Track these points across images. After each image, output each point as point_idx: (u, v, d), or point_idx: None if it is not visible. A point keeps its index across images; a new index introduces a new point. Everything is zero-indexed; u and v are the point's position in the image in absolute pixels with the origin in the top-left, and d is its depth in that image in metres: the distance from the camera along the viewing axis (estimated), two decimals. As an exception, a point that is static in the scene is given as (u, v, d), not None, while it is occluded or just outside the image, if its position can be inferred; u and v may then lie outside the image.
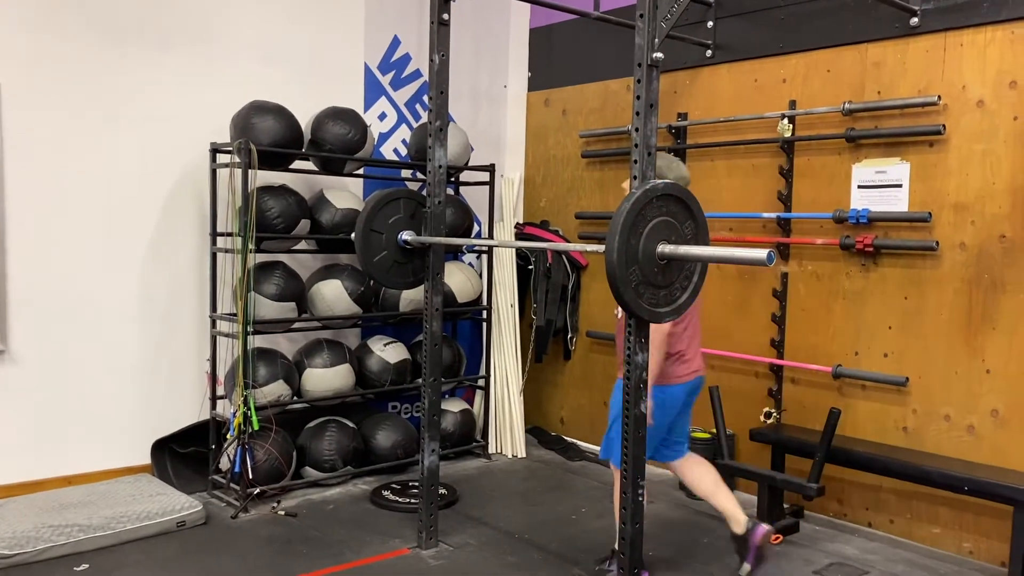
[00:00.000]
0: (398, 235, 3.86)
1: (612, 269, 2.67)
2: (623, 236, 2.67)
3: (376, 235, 3.83)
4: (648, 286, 2.77)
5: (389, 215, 3.84)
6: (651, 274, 2.76)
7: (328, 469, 4.65)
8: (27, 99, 4.18)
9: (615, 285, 2.69)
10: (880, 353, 4.26)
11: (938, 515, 4.08)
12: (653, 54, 2.81)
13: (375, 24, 5.40)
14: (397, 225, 3.85)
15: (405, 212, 3.87)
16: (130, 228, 4.54)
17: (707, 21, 4.93)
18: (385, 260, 3.86)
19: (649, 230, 2.74)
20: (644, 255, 2.73)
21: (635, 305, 2.74)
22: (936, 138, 4.03)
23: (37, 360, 4.28)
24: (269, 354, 4.54)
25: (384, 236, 3.84)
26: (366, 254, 3.82)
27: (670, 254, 2.76)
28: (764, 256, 2.48)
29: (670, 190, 2.80)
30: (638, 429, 2.93)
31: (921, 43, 4.11)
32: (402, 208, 3.87)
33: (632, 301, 2.73)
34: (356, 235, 3.83)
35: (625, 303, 2.74)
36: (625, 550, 2.97)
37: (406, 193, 3.94)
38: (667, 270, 2.81)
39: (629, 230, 2.69)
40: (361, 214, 3.83)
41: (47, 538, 3.66)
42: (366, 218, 3.79)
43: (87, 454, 4.43)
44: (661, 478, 4.87)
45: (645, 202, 2.73)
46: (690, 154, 5.08)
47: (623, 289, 2.69)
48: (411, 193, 3.96)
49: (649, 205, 2.74)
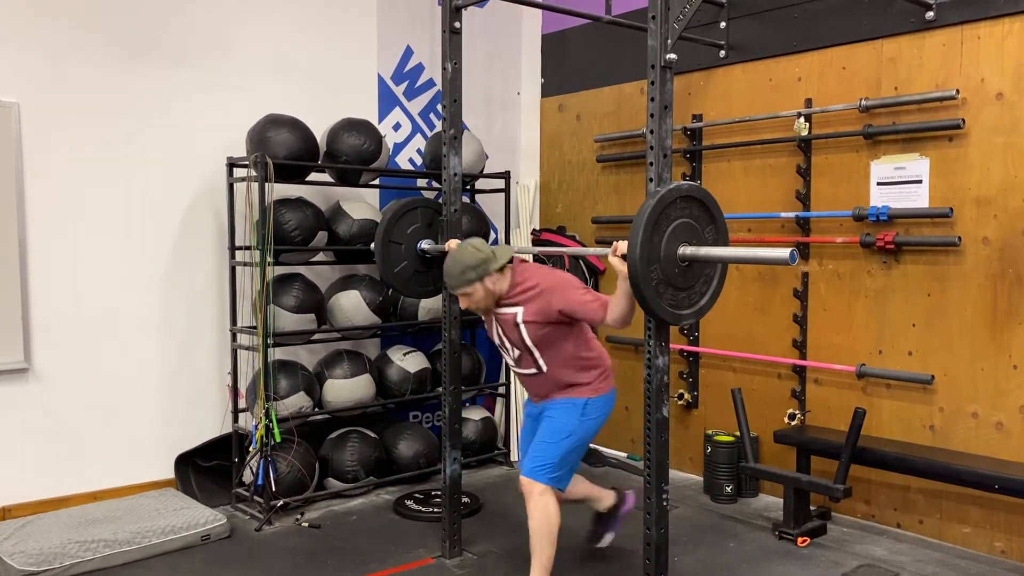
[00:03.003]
0: (417, 244, 3.87)
1: (634, 266, 2.65)
2: (646, 233, 2.65)
3: (395, 246, 3.84)
4: (668, 287, 2.75)
5: (407, 225, 3.86)
6: (672, 275, 2.74)
7: (351, 480, 4.65)
8: (46, 118, 4.22)
9: (636, 283, 2.67)
10: (904, 351, 4.21)
11: (968, 514, 4.02)
12: (666, 55, 2.80)
13: (388, 35, 5.42)
14: (415, 235, 3.87)
15: (423, 221, 3.89)
16: (149, 244, 4.57)
17: (720, 22, 4.90)
18: (405, 270, 3.88)
19: (671, 231, 2.73)
20: (666, 255, 2.71)
21: (655, 305, 2.72)
22: (955, 132, 3.99)
23: (61, 377, 4.31)
24: (290, 366, 4.56)
25: (403, 247, 3.86)
26: (386, 265, 3.84)
27: (691, 255, 2.74)
28: (787, 255, 2.45)
29: (693, 192, 2.79)
30: (660, 433, 2.90)
31: (937, 37, 4.07)
32: (419, 217, 3.89)
33: (652, 300, 2.70)
34: (376, 247, 3.84)
35: (645, 302, 2.71)
36: (650, 556, 2.94)
37: (423, 202, 3.95)
38: (688, 272, 2.79)
39: (652, 227, 2.67)
40: (379, 226, 3.85)
41: (74, 554, 3.68)
42: (384, 229, 3.80)
43: (111, 469, 4.46)
44: (685, 482, 4.83)
45: (669, 200, 2.72)
46: (706, 155, 5.06)
47: (644, 287, 2.67)
48: (427, 202, 3.97)
49: (672, 205, 2.73)
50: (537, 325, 3.22)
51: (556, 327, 3.23)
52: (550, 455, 3.25)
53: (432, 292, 4.02)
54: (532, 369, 3.33)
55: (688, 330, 5.13)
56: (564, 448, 3.25)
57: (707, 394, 5.12)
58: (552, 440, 3.27)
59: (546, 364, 3.28)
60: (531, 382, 3.40)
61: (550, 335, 3.23)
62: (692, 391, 5.15)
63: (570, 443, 3.27)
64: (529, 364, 3.32)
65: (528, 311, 3.22)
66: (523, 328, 3.24)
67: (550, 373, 3.31)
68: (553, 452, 3.25)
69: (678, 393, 5.15)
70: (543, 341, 3.24)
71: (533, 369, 3.32)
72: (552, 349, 3.26)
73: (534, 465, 3.26)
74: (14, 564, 3.55)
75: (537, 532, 3.24)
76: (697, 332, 5.12)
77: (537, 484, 3.23)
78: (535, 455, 3.28)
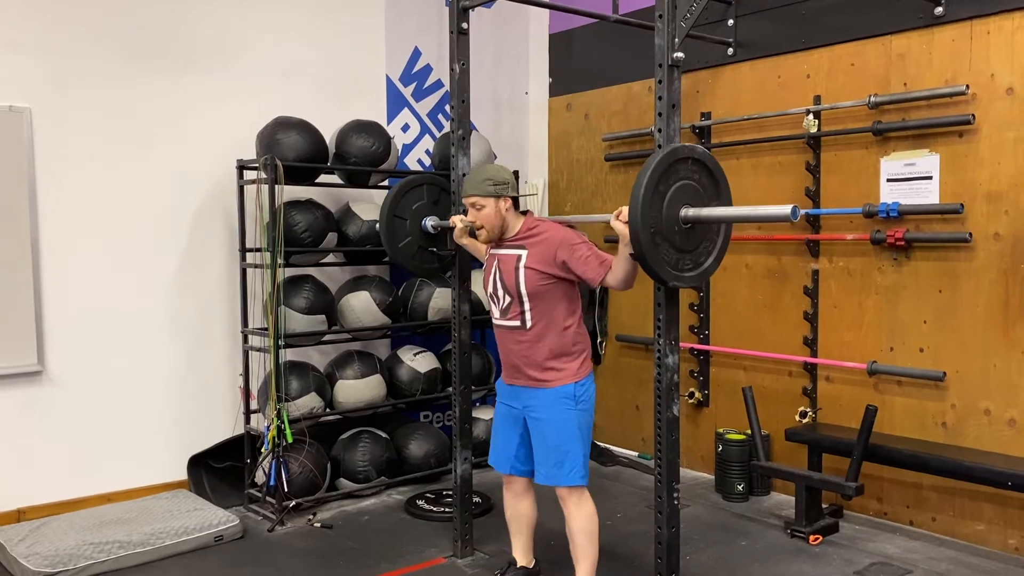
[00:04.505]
0: (422, 221, 3.88)
1: (635, 221, 2.62)
2: (648, 191, 2.63)
3: (400, 221, 3.84)
4: (670, 247, 2.73)
5: (412, 201, 3.86)
6: (672, 235, 2.73)
7: (362, 480, 4.66)
8: (57, 123, 4.25)
9: (636, 240, 2.65)
10: (916, 348, 4.19)
11: (982, 511, 4.00)
12: (674, 54, 2.80)
13: (396, 37, 5.43)
14: (420, 211, 3.88)
15: (428, 198, 3.90)
16: (161, 246, 4.60)
17: (727, 19, 4.89)
18: (409, 246, 3.88)
19: (674, 192, 2.71)
20: (667, 215, 2.70)
21: (655, 263, 2.68)
22: (966, 128, 3.97)
23: (74, 380, 4.34)
24: (301, 367, 4.58)
25: (408, 222, 3.86)
26: (391, 240, 3.83)
27: (693, 216, 2.73)
28: (788, 211, 2.47)
29: (694, 153, 2.77)
30: (671, 432, 2.90)
31: (946, 32, 4.05)
32: (425, 194, 3.89)
33: (652, 257, 2.67)
34: (380, 221, 3.84)
35: (644, 260, 2.68)
36: (662, 555, 2.94)
37: (429, 179, 3.96)
38: (691, 235, 2.78)
39: (655, 187, 2.66)
40: (384, 201, 3.85)
41: (88, 555, 3.71)
42: (390, 204, 3.81)
43: (125, 471, 4.49)
44: (696, 480, 4.83)
45: (673, 160, 2.70)
46: (715, 153, 5.00)
47: (644, 245, 2.64)
48: (433, 178, 3.99)
49: (677, 165, 2.71)
50: (536, 274, 3.16)
51: (554, 285, 3.17)
52: (572, 457, 3.19)
53: (437, 270, 4.02)
54: (516, 322, 3.22)
55: (698, 328, 5.13)
56: (578, 444, 3.21)
57: (718, 392, 5.11)
58: (564, 440, 3.20)
59: (532, 320, 3.19)
60: (510, 340, 3.27)
61: (545, 291, 3.17)
62: (703, 389, 5.15)
63: (581, 437, 3.22)
64: (515, 315, 3.22)
65: (531, 255, 3.18)
66: (522, 273, 3.18)
67: (532, 332, 3.20)
68: (573, 452, 3.20)
69: (689, 392, 5.15)
70: (537, 294, 3.17)
71: (517, 322, 3.22)
72: (542, 307, 3.18)
73: (563, 472, 3.20)
74: (30, 566, 3.58)
75: (581, 532, 3.24)
76: (708, 330, 5.11)
77: (574, 489, 3.22)
78: (557, 460, 3.20)
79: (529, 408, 3.28)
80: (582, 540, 3.25)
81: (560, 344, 3.22)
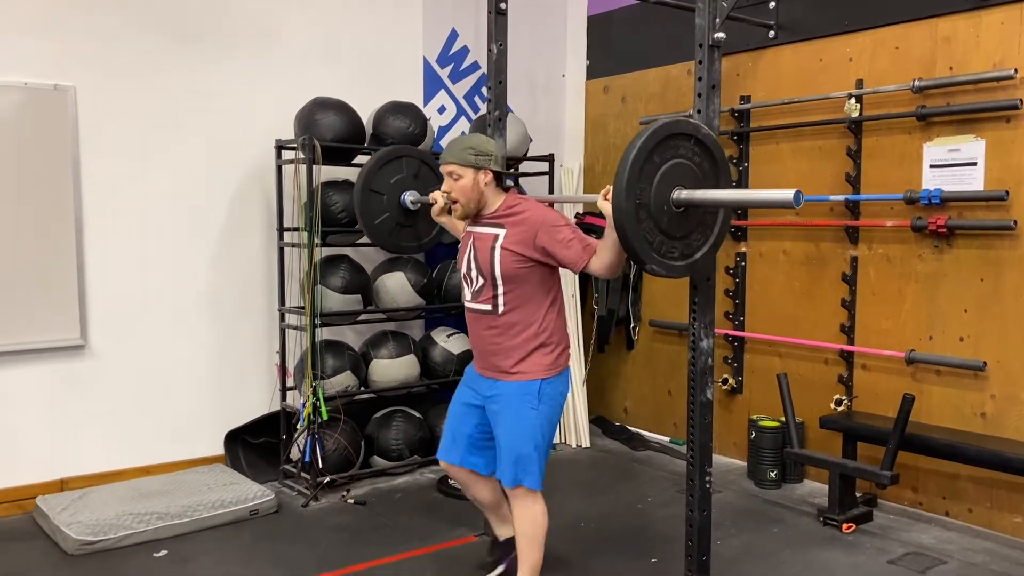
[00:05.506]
0: (400, 196, 3.67)
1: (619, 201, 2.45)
2: (634, 169, 2.43)
3: (376, 195, 3.60)
4: (658, 232, 2.55)
5: (390, 175, 3.62)
6: (661, 219, 2.54)
7: (395, 458, 4.71)
8: (101, 102, 4.32)
9: (620, 224, 2.48)
10: (956, 337, 4.13)
11: (1020, 504, 3.94)
12: (714, 34, 2.77)
13: (433, 18, 5.43)
14: (399, 185, 3.64)
15: (408, 172, 3.67)
16: (200, 225, 4.66)
17: (769, 1, 4.82)
18: (386, 222, 3.65)
19: (664, 171, 2.52)
20: (656, 196, 2.51)
21: (641, 250, 2.52)
22: (1013, 113, 3.88)
23: (115, 355, 4.43)
24: (336, 346, 4.62)
25: (385, 197, 3.62)
26: (365, 216, 3.60)
27: (686, 199, 2.54)
28: (791, 196, 2.29)
29: (698, 132, 2.59)
30: (704, 415, 2.90)
31: (995, 15, 3.95)
32: (404, 167, 3.66)
33: (637, 242, 2.51)
34: (354, 196, 3.59)
35: (629, 244, 2.52)
36: (693, 538, 2.94)
37: (407, 151, 3.73)
38: (683, 220, 2.60)
39: (642, 164, 2.45)
40: (359, 174, 3.64)
41: (128, 525, 3.80)
42: (364, 178, 3.56)
43: (164, 445, 4.58)
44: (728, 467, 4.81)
45: (674, 131, 2.52)
46: (754, 137, 4.99)
47: (628, 228, 2.46)
48: (412, 150, 3.73)
49: (676, 139, 2.53)
50: (513, 255, 2.96)
51: (531, 269, 2.97)
52: (526, 458, 2.99)
53: (415, 249, 3.75)
54: (487, 306, 3.04)
55: (733, 315, 5.09)
56: (534, 444, 3.00)
57: (752, 379, 5.08)
58: (520, 440, 3.00)
59: (504, 305, 3.00)
60: (481, 325, 3.10)
61: (521, 274, 2.97)
62: (737, 376, 5.12)
63: (539, 436, 3.01)
64: (487, 299, 3.03)
65: (509, 236, 2.98)
66: (498, 254, 2.98)
67: (504, 319, 3.01)
68: (527, 453, 2.99)
69: (723, 378, 5.12)
70: (512, 277, 2.98)
71: (488, 306, 3.03)
72: (517, 291, 2.99)
73: (514, 471, 3.00)
74: (71, 533, 3.68)
75: (523, 535, 3.05)
76: (743, 317, 5.07)
77: (519, 488, 3.02)
78: (511, 459, 3.01)
79: (490, 399, 3.09)
80: (522, 543, 3.06)
81: (534, 334, 3.01)
